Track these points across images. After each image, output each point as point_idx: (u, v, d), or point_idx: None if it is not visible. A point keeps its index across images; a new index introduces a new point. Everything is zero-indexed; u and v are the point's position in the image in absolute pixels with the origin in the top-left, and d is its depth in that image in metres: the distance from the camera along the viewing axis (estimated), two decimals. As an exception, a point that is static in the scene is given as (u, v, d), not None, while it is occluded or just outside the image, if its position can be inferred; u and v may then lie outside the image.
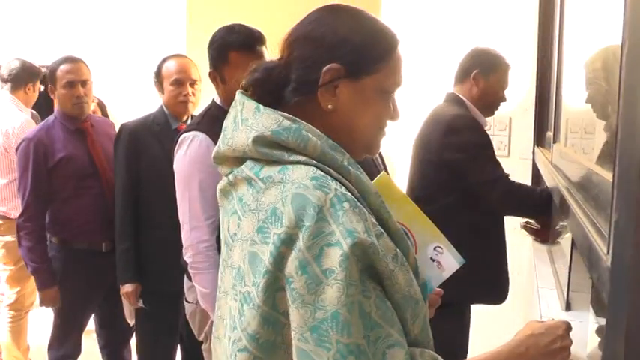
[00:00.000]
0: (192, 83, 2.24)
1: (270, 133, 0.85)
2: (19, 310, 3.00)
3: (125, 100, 4.13)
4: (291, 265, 0.77)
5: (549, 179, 1.71)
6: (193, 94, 2.24)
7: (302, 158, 0.84)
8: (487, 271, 2.00)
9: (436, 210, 1.85)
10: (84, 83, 2.35)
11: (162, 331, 2.29)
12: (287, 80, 0.90)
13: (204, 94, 2.30)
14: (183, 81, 2.22)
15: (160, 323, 2.28)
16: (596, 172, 0.88)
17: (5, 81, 3.08)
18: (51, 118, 2.42)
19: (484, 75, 2.12)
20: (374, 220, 0.82)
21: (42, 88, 3.13)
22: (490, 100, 2.15)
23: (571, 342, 0.91)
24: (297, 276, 0.77)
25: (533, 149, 2.76)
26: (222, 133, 0.93)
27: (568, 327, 0.92)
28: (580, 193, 1.04)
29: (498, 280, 2.09)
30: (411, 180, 2.21)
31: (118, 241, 2.24)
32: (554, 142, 1.77)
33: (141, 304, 2.24)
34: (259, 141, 0.85)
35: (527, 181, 2.79)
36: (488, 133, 2.94)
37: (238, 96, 0.93)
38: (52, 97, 2.39)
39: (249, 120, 0.88)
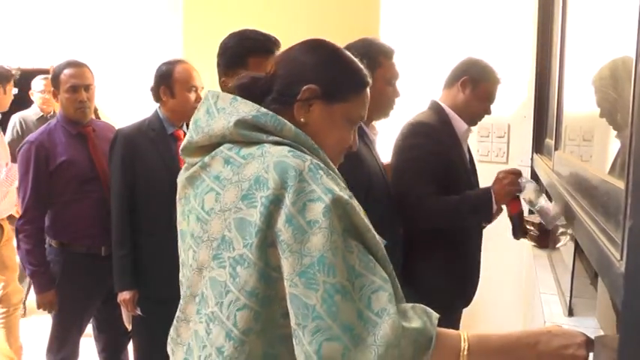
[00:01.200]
0: (201, 90, 2.25)
1: (250, 117, 0.97)
2: (6, 306, 2.96)
3: (119, 103, 4.13)
4: (279, 221, 0.87)
5: (551, 186, 1.72)
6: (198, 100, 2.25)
7: (279, 139, 0.97)
8: (451, 276, 1.96)
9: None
10: (87, 88, 2.35)
11: (159, 336, 2.27)
12: (269, 91, 1.05)
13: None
14: (197, 87, 2.23)
15: (157, 329, 2.26)
16: (605, 180, 0.89)
17: None
18: (53, 121, 2.41)
19: (472, 83, 2.08)
20: (344, 185, 0.95)
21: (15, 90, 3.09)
22: (473, 110, 2.10)
23: (586, 356, 0.91)
24: (285, 229, 0.86)
25: (532, 156, 2.77)
26: (192, 126, 1.04)
27: (589, 341, 0.92)
28: (586, 199, 1.05)
29: (463, 285, 2.05)
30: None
31: (115, 247, 2.22)
32: (556, 149, 1.78)
33: (139, 311, 2.23)
34: (240, 124, 0.97)
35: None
36: (486, 140, 3.00)
37: (208, 93, 1.06)
38: (54, 100, 2.39)
39: (226, 109, 1.00)
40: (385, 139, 2.24)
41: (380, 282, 0.87)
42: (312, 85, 1.02)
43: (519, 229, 1.96)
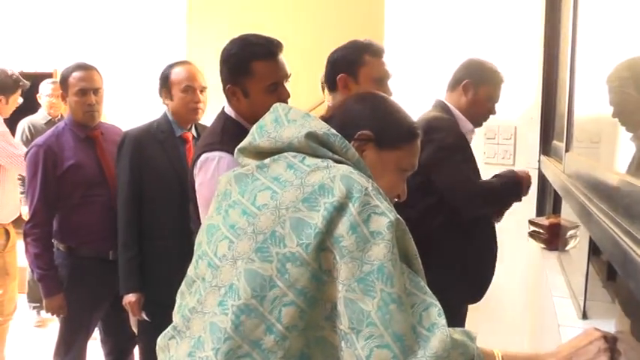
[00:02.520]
0: (202, 90, 2.24)
1: (322, 133, 1.03)
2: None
3: (122, 106, 4.12)
4: (342, 227, 0.90)
5: (562, 188, 1.71)
6: (203, 101, 2.24)
7: (342, 159, 1.02)
8: (467, 270, 2.03)
9: (416, 213, 1.89)
10: (96, 91, 2.34)
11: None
12: None
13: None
14: (194, 88, 2.21)
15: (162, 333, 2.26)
16: (628, 180, 0.88)
17: None
18: (61, 124, 2.41)
19: (474, 86, 2.12)
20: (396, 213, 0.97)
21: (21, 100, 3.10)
22: (477, 112, 2.15)
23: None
24: (348, 236, 0.89)
25: (539, 158, 2.77)
26: (255, 129, 1.08)
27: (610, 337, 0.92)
28: (605, 201, 1.05)
29: (479, 279, 2.11)
30: None
31: (121, 250, 2.22)
32: (567, 150, 1.78)
33: (144, 315, 2.22)
34: (311, 136, 1.01)
35: (532, 189, 2.80)
36: (493, 142, 2.99)
37: (278, 105, 1.10)
38: (63, 103, 2.39)
39: (297, 121, 1.05)
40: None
41: (430, 300, 0.90)
42: (366, 131, 1.08)
43: None
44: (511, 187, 2.10)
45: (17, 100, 3.04)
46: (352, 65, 1.83)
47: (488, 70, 2.16)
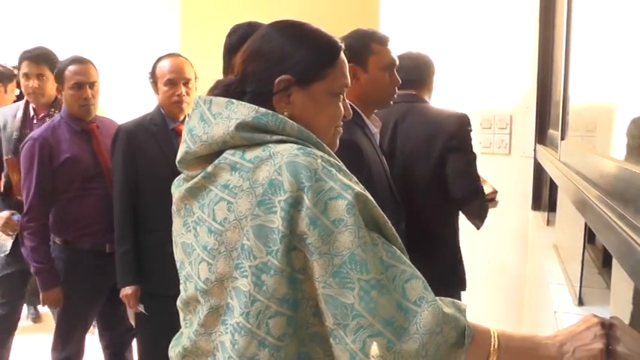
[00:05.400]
0: (186, 82, 2.22)
1: (251, 119, 0.94)
2: None
3: (118, 99, 4.11)
4: (302, 224, 0.86)
5: (558, 176, 1.72)
6: (187, 93, 2.22)
7: (283, 137, 0.94)
8: (451, 258, 2.10)
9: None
10: (92, 85, 2.34)
11: (162, 333, 2.27)
12: (243, 93, 1.01)
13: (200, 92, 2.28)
14: (176, 81, 2.20)
15: (160, 326, 2.25)
16: (624, 166, 0.89)
17: None
18: (56, 117, 2.40)
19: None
20: (355, 179, 0.94)
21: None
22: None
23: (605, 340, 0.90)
24: (310, 231, 0.85)
25: (535, 147, 2.77)
26: (186, 136, 0.99)
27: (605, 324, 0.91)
28: (600, 187, 1.05)
29: (459, 266, 2.14)
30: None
31: (118, 244, 2.22)
32: (562, 138, 1.78)
33: (141, 308, 2.23)
34: (241, 127, 0.93)
35: (528, 178, 2.81)
36: (488, 131, 2.99)
37: (199, 99, 1.01)
38: (59, 96, 2.38)
39: (222, 113, 0.96)
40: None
41: (410, 270, 0.88)
42: (283, 76, 0.99)
43: None
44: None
45: (14, 90, 3.04)
46: (360, 54, 1.78)
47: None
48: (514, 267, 2.86)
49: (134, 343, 2.51)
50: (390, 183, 1.86)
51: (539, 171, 2.76)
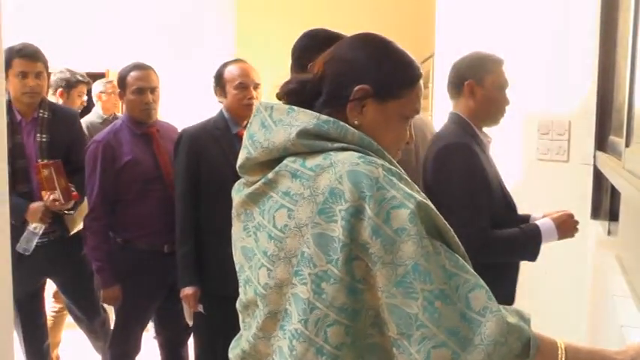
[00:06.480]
0: (256, 87, 2.29)
1: (312, 126, 0.94)
2: (61, 303, 3.14)
3: (176, 105, 4.22)
4: (364, 233, 0.86)
5: (622, 185, 1.65)
6: (257, 97, 2.28)
7: (344, 145, 0.94)
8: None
9: None
10: (153, 90, 2.42)
11: (220, 332, 2.32)
12: (319, 93, 1.01)
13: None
14: (247, 84, 2.26)
15: (218, 325, 2.30)
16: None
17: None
18: (118, 121, 2.50)
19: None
20: (416, 188, 0.94)
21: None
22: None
23: None
24: (373, 241, 0.85)
25: (595, 154, 2.68)
26: (247, 142, 1.01)
27: None
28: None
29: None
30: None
31: (179, 245, 2.28)
32: (627, 145, 1.72)
33: (200, 309, 2.27)
34: (303, 134, 0.94)
35: (587, 186, 2.72)
36: (546, 137, 2.91)
37: (260, 105, 1.02)
38: (121, 101, 2.47)
39: (283, 120, 0.97)
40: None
41: (474, 279, 0.87)
42: (364, 85, 0.99)
43: None
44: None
45: (81, 96, 3.20)
46: (479, 72, 1.95)
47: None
48: (574, 278, 2.77)
49: (190, 342, 2.56)
50: (505, 191, 1.93)
51: (599, 178, 2.66)
